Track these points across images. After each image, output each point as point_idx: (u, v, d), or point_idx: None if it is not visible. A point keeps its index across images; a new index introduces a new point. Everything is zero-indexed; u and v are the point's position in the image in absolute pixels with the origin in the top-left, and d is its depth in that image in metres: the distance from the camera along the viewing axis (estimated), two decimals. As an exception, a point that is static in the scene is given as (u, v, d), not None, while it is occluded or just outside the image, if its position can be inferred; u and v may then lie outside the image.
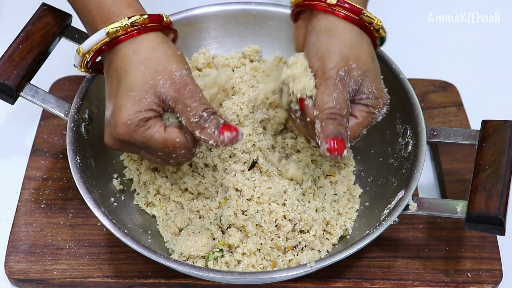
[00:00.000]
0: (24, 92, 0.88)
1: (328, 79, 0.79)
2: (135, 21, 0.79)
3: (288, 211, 0.84)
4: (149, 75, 0.77)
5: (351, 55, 0.80)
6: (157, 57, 0.78)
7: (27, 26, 0.91)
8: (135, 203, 0.91)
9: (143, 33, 0.79)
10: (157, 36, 0.80)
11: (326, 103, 0.78)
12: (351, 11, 0.82)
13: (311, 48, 0.82)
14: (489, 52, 1.17)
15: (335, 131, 0.78)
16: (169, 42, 0.81)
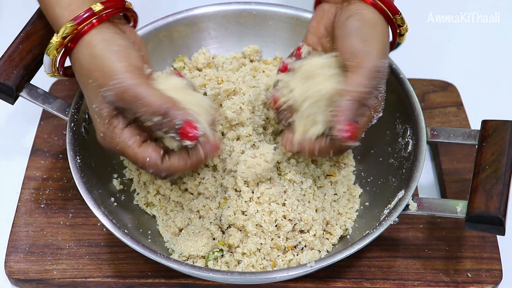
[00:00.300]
0: (24, 92, 0.88)
1: (370, 62, 0.78)
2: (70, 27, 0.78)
3: (288, 211, 0.84)
4: (96, 87, 0.77)
5: (385, 51, 0.80)
6: (96, 66, 0.76)
7: (27, 26, 0.91)
8: (135, 203, 0.91)
9: (85, 32, 0.78)
10: (99, 33, 0.78)
11: (362, 85, 0.77)
12: (389, 9, 0.82)
13: (353, 31, 0.80)
14: (489, 52, 1.17)
15: (358, 117, 0.78)
16: (108, 38, 0.78)
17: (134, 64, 0.77)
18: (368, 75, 0.78)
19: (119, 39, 0.79)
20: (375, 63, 0.78)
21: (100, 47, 0.77)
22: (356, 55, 0.79)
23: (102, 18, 0.78)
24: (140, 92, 0.74)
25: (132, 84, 0.75)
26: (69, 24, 0.77)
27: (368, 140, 0.96)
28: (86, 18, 0.78)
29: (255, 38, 1.02)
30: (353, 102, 0.77)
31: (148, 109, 0.74)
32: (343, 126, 0.76)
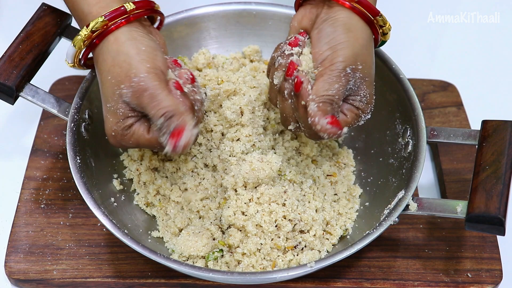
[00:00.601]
0: (24, 92, 0.88)
1: (335, 70, 0.79)
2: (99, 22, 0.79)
3: (288, 211, 0.84)
4: (115, 84, 0.78)
5: (361, 55, 0.80)
6: (119, 62, 0.78)
7: (27, 26, 0.91)
8: (135, 203, 0.91)
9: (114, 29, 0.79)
10: (127, 31, 0.80)
11: (326, 90, 0.78)
12: (369, 11, 0.81)
13: (324, 36, 0.81)
14: (489, 52, 1.17)
15: (332, 112, 0.79)
16: (136, 37, 0.80)
17: (158, 66, 0.79)
18: (332, 81, 0.79)
19: (147, 39, 0.80)
20: (339, 70, 0.79)
21: (128, 45, 0.79)
22: (322, 62, 0.80)
23: (131, 18, 0.80)
24: (158, 95, 0.77)
25: (155, 85, 0.77)
26: (100, 19, 0.79)
27: (368, 140, 0.96)
28: (118, 15, 0.79)
29: (255, 38, 1.02)
30: (324, 104, 0.78)
31: (159, 112, 0.77)
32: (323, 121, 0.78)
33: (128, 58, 0.78)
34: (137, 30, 0.81)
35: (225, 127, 0.90)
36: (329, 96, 0.78)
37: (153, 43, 0.81)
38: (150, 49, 0.79)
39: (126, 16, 0.80)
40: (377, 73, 0.93)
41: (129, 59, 0.78)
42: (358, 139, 0.98)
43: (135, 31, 0.80)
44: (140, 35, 0.80)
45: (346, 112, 0.82)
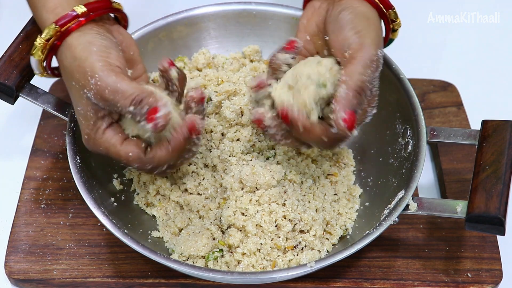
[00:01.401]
0: (24, 92, 0.88)
1: (367, 52, 0.77)
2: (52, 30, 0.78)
3: (288, 211, 0.84)
4: (79, 89, 0.78)
5: (381, 43, 0.80)
6: (76, 68, 0.78)
7: (27, 26, 0.91)
8: (135, 203, 0.91)
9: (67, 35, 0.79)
10: (80, 35, 0.79)
11: (360, 74, 0.76)
12: (383, 3, 0.81)
13: (346, 24, 0.79)
14: (489, 52, 1.17)
15: (356, 107, 0.76)
16: (90, 40, 0.79)
17: (113, 63, 0.77)
18: (364, 65, 0.77)
19: (101, 39, 0.79)
20: (370, 52, 0.77)
21: (80, 49, 0.78)
22: (350, 46, 0.78)
23: (82, 21, 0.79)
24: (120, 88, 0.76)
25: (112, 80, 0.76)
26: (51, 27, 0.79)
27: (368, 140, 0.96)
28: (68, 20, 0.79)
29: (255, 38, 1.02)
30: (351, 91, 0.76)
31: (126, 102, 0.75)
32: (341, 114, 0.75)
33: (81, 62, 0.77)
34: (91, 31, 0.79)
35: (225, 127, 0.90)
36: (361, 83, 0.76)
37: (108, 42, 0.79)
38: (103, 48, 0.78)
39: (77, 20, 0.79)
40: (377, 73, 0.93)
41: (82, 63, 0.77)
42: (358, 139, 0.97)
43: (88, 34, 0.79)
44: (93, 36, 0.79)
45: None
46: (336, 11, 0.81)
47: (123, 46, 0.83)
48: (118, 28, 0.85)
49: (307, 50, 0.86)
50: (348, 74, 0.76)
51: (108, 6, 0.82)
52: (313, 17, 0.85)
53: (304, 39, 0.86)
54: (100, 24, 0.81)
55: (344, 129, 0.75)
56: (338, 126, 0.75)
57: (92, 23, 0.80)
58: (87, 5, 0.80)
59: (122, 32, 0.85)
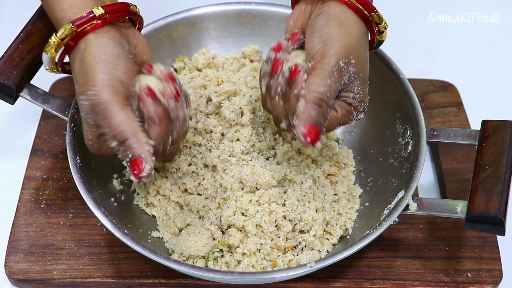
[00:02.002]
0: (24, 92, 0.88)
1: (327, 63, 0.77)
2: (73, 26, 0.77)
3: (288, 211, 0.84)
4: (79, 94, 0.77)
5: (354, 49, 0.78)
6: (82, 72, 0.77)
7: (27, 26, 0.91)
8: (135, 203, 0.91)
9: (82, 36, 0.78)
10: (94, 38, 0.78)
11: (318, 86, 0.76)
12: (364, 6, 0.80)
13: (316, 30, 0.79)
14: (489, 52, 1.17)
15: (316, 119, 0.76)
16: (101, 44, 0.78)
17: (117, 78, 0.76)
18: (323, 76, 0.76)
19: (112, 46, 0.78)
20: (330, 63, 0.76)
21: (90, 53, 0.77)
22: (313, 56, 0.78)
23: (99, 24, 0.78)
24: (110, 112, 0.75)
25: (106, 100, 0.75)
26: (68, 26, 0.77)
27: (368, 140, 0.96)
28: (86, 21, 0.77)
29: (255, 38, 1.02)
30: (309, 104, 0.76)
31: (110, 132, 0.75)
32: (301, 129, 0.75)
33: (88, 68, 0.76)
34: (106, 35, 0.78)
35: (225, 127, 0.90)
36: (320, 94, 0.76)
37: (118, 49, 0.78)
38: (111, 58, 0.77)
39: (93, 22, 0.77)
40: (377, 73, 0.93)
41: (89, 69, 0.76)
42: (358, 139, 0.98)
43: (102, 37, 0.78)
44: (106, 41, 0.78)
45: (338, 108, 0.80)
46: (313, 16, 0.81)
47: (136, 50, 0.83)
48: (134, 31, 0.84)
49: None
50: (307, 87, 0.77)
51: (126, 9, 0.81)
52: (298, 19, 0.84)
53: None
54: (116, 28, 0.80)
55: (306, 143, 0.75)
56: (300, 140, 0.75)
57: (108, 26, 0.79)
58: (105, 7, 0.78)
59: (137, 35, 0.84)
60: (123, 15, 0.81)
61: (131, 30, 0.83)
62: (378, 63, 0.93)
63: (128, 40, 0.81)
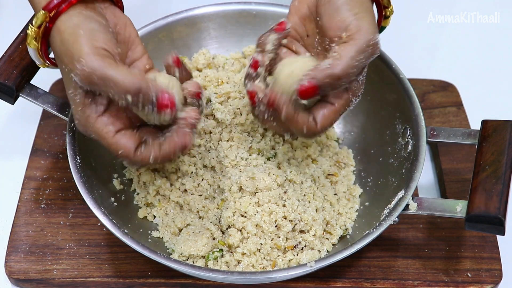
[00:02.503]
0: (24, 92, 0.88)
1: (365, 35, 0.75)
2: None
3: (288, 212, 0.84)
4: (67, 73, 0.76)
5: (376, 28, 0.78)
6: (64, 52, 0.75)
7: (27, 26, 0.91)
8: (135, 203, 0.91)
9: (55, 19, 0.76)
10: (67, 18, 0.76)
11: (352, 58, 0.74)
12: None
13: (342, 4, 0.77)
14: (489, 52, 1.17)
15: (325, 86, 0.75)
16: (77, 23, 0.76)
17: (99, 46, 0.75)
18: (359, 49, 0.75)
19: (89, 23, 0.77)
20: (368, 36, 0.75)
21: (68, 32, 0.75)
22: (348, 28, 0.76)
23: (73, 1, 0.76)
24: (106, 73, 0.73)
25: (97, 65, 0.73)
26: (40, 13, 0.77)
27: (368, 140, 0.96)
28: (57, 5, 0.76)
29: (255, 38, 1.01)
30: (332, 70, 0.74)
31: (119, 89, 0.73)
32: (304, 82, 0.75)
33: (69, 46, 0.75)
34: (80, 14, 0.77)
35: (223, 128, 0.90)
36: (348, 67, 0.74)
37: (96, 24, 0.77)
38: (90, 31, 0.76)
39: (66, 2, 0.76)
40: (377, 73, 0.94)
41: (69, 47, 0.75)
42: (358, 139, 0.98)
43: (76, 16, 0.77)
44: (82, 19, 0.76)
45: (334, 100, 0.79)
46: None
47: (117, 28, 0.81)
48: (114, 10, 0.82)
49: (298, 33, 0.85)
50: (340, 54, 0.75)
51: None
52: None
53: (295, 22, 0.84)
54: (91, 7, 0.79)
55: (298, 93, 0.75)
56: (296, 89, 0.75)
57: (81, 5, 0.77)
58: None
59: (116, 13, 0.82)
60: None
61: (109, 8, 0.82)
62: (378, 63, 0.93)
63: (105, 18, 0.80)
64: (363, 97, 0.97)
